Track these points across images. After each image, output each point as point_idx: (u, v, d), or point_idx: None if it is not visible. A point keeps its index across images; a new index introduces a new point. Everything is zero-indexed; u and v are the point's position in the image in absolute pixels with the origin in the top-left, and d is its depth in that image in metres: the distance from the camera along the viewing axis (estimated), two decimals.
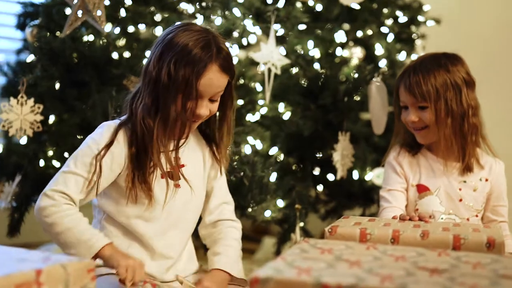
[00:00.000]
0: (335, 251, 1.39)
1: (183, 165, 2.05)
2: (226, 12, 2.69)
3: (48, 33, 2.69)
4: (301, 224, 2.90)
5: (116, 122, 2.00)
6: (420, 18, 3.49)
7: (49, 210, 1.87)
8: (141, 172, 1.95)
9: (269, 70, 2.70)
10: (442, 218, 2.27)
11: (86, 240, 1.85)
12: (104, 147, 1.93)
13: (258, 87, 2.82)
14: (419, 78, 2.24)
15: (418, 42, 3.54)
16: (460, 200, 2.30)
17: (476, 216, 2.31)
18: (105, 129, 1.97)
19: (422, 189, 2.32)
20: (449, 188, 2.30)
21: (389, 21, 3.40)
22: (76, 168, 1.91)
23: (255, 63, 2.81)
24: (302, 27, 3.06)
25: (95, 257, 1.83)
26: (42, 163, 2.65)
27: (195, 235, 2.19)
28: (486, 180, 2.33)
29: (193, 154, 2.09)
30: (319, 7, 3.14)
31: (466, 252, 1.43)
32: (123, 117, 2.02)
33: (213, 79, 1.93)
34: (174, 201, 2.02)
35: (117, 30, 2.72)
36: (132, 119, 1.97)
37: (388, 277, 1.17)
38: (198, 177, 2.10)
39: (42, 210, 1.88)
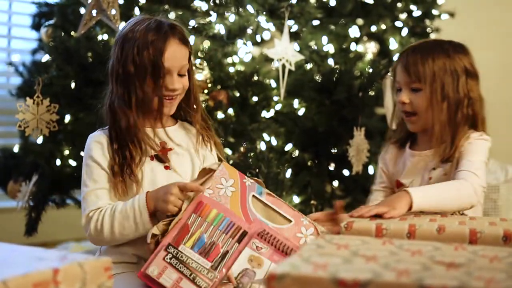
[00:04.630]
0: (351, 247, 1.38)
1: (170, 149, 2.08)
2: (240, 9, 2.69)
3: (63, 33, 2.72)
4: None
5: (99, 131, 2.07)
6: (434, 11, 3.48)
7: (93, 228, 1.94)
8: (125, 161, 1.99)
9: (283, 66, 2.70)
10: None
11: (131, 213, 1.92)
12: (97, 156, 2.00)
13: (273, 84, 2.82)
14: (417, 58, 2.16)
15: (433, 36, 3.53)
16: None
17: None
18: (91, 141, 2.04)
19: (399, 185, 2.28)
20: (423, 181, 2.21)
21: (403, 15, 3.39)
22: (89, 187, 1.98)
23: (269, 60, 2.81)
24: (316, 22, 3.06)
25: (150, 215, 1.90)
26: (58, 162, 2.67)
27: None
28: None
29: (181, 139, 2.12)
30: (332, 2, 3.14)
31: (483, 246, 1.43)
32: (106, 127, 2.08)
33: (176, 51, 2.00)
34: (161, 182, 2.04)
35: None
36: (111, 117, 2.02)
37: (405, 271, 1.17)
38: (185, 159, 2.11)
39: (90, 237, 1.97)
